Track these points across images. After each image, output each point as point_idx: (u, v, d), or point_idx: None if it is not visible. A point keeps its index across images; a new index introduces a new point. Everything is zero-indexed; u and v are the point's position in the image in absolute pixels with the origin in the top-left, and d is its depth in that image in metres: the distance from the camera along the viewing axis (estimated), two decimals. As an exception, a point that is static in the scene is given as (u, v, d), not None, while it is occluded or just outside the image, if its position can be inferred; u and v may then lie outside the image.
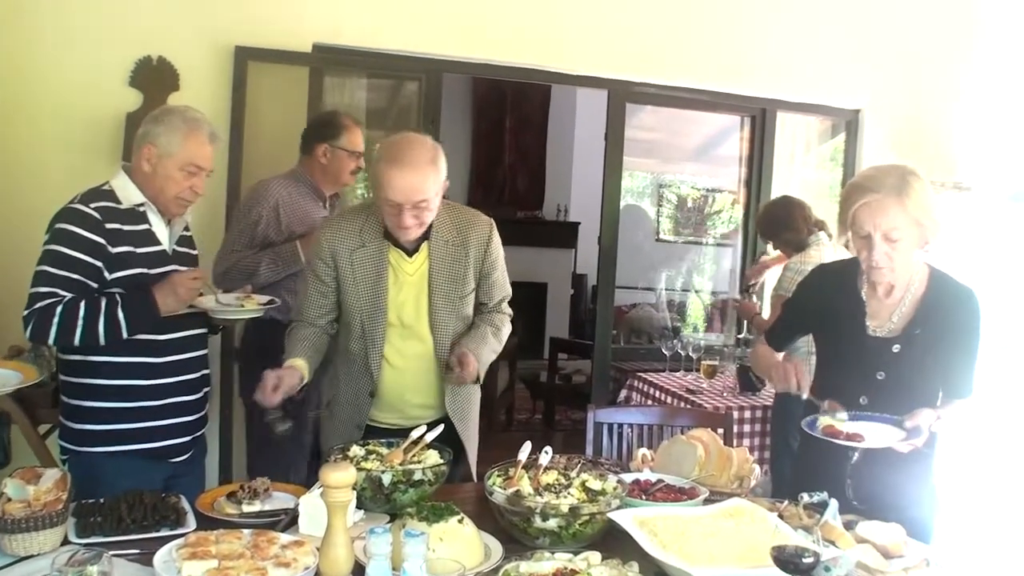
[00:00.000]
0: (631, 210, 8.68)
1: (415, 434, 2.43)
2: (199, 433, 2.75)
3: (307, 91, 4.32)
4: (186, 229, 2.74)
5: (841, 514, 2.13)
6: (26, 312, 2.41)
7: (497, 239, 2.81)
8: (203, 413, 2.76)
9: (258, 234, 3.54)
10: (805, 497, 2.10)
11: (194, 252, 2.77)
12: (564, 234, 9.05)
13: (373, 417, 2.76)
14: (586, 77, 4.90)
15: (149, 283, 2.49)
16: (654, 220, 8.87)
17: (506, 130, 9.06)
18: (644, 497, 2.34)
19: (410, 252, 2.69)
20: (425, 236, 2.67)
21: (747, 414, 4.21)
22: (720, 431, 3.00)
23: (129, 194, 2.54)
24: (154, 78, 4.05)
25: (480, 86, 8.91)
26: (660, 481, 2.46)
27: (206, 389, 2.77)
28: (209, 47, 4.13)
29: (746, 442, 4.07)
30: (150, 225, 2.57)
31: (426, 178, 2.51)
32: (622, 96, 4.96)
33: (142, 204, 2.55)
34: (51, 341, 2.44)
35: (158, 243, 2.58)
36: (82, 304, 2.41)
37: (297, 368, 2.56)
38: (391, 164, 2.50)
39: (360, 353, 2.71)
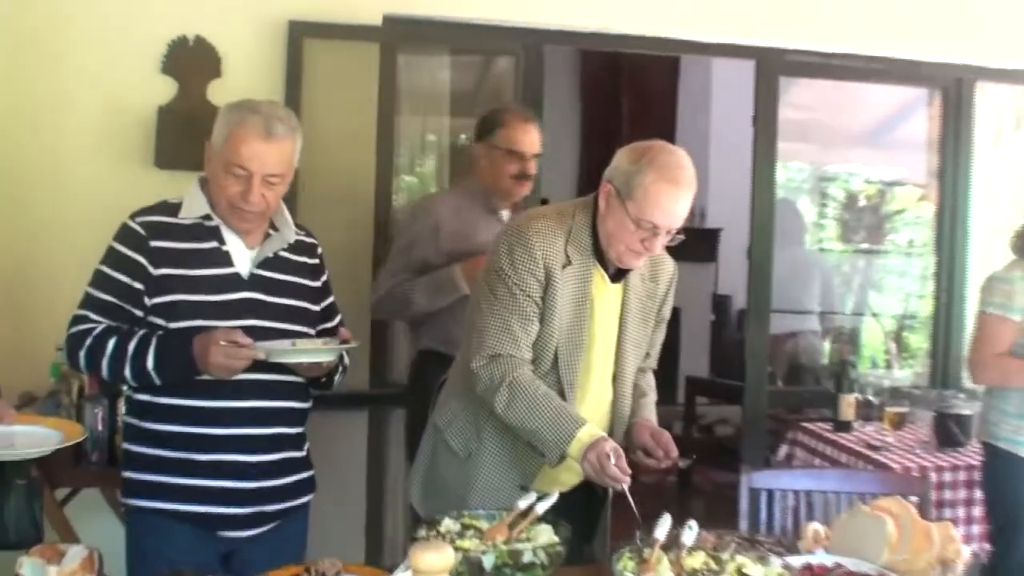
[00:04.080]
0: (783, 207, 8.56)
1: (522, 504, 2.43)
2: (271, 508, 2.68)
3: (377, 73, 4.37)
4: (295, 251, 2.73)
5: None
6: (67, 333, 2.61)
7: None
8: (279, 483, 2.69)
9: (414, 257, 3.76)
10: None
11: (300, 281, 2.74)
12: (701, 244, 8.91)
13: None
14: (726, 45, 4.88)
15: (191, 335, 2.48)
16: (814, 223, 8.74)
17: (623, 115, 9.04)
18: (819, 587, 2.30)
19: (613, 279, 2.77)
20: None
21: (948, 476, 4.10)
22: (914, 499, 2.94)
23: (193, 206, 2.61)
24: (191, 63, 4.16)
25: (590, 61, 8.95)
26: (839, 566, 2.44)
27: (287, 454, 2.72)
28: (256, 23, 4.22)
29: (949, 513, 3.96)
30: (220, 243, 2.61)
31: (690, 204, 2.66)
32: (774, 67, 4.93)
33: (210, 217, 2.60)
34: (83, 369, 2.67)
35: (229, 264, 2.61)
36: (111, 342, 2.53)
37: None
38: (667, 182, 2.60)
39: None
